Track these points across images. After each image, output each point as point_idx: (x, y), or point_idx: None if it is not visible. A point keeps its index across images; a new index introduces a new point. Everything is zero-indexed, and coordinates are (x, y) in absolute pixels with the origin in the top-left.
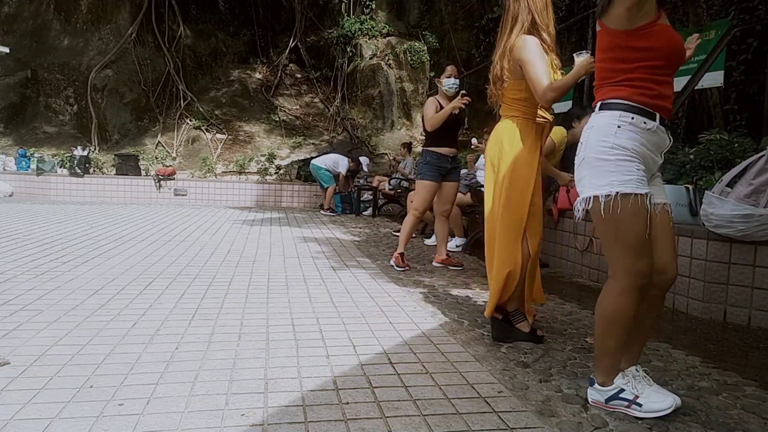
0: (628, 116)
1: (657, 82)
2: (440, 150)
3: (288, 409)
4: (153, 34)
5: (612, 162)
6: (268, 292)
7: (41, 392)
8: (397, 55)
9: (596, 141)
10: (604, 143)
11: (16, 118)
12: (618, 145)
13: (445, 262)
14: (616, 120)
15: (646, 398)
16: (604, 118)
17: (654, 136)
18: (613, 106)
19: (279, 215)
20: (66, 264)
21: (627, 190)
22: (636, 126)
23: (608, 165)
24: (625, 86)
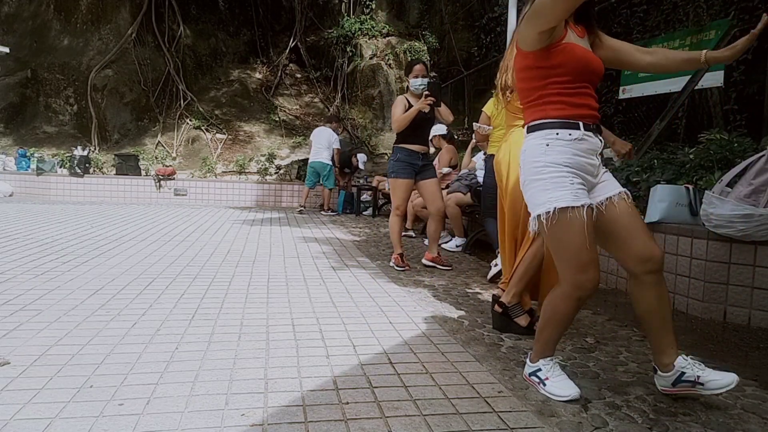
0: (553, 132)
1: (570, 95)
2: (411, 146)
3: (288, 409)
4: (153, 34)
5: (546, 180)
6: (268, 292)
7: (41, 392)
8: (397, 55)
9: (530, 163)
10: (537, 163)
11: (16, 118)
12: (549, 162)
13: (435, 260)
14: (543, 139)
15: (553, 383)
16: (532, 140)
17: (584, 143)
18: (538, 127)
19: (279, 215)
20: (66, 264)
21: (563, 204)
22: (562, 139)
23: (544, 183)
24: (543, 105)
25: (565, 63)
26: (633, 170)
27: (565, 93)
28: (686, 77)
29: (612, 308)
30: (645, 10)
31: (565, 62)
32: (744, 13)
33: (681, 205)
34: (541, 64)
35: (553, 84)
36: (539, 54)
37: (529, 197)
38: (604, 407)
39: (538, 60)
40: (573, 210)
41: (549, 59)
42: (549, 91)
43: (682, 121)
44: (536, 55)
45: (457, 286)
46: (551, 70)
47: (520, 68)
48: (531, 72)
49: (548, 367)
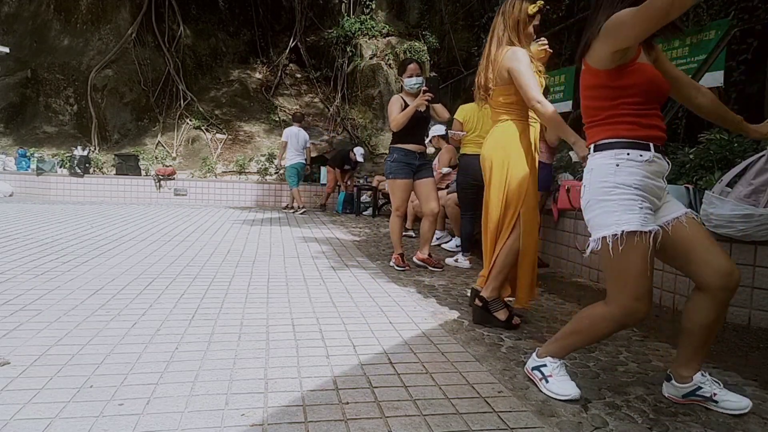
0: (624, 153)
1: (641, 116)
2: (407, 146)
3: (288, 409)
4: (153, 34)
5: (615, 201)
6: (268, 292)
7: (41, 392)
8: (397, 55)
9: (598, 182)
10: (605, 183)
11: (16, 118)
12: (619, 183)
13: (426, 261)
14: (613, 159)
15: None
16: (600, 159)
17: (653, 166)
18: (608, 146)
19: (279, 215)
20: (66, 264)
21: (632, 228)
22: (633, 160)
23: (612, 204)
24: (613, 124)
25: (638, 84)
26: None
27: (636, 114)
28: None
29: None
30: None
31: (638, 83)
32: (744, 12)
33: None
34: (613, 84)
35: (623, 105)
36: (612, 73)
37: (593, 217)
38: (604, 407)
39: (610, 79)
40: (641, 235)
41: (621, 79)
42: (620, 111)
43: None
44: (608, 74)
45: (457, 286)
46: (623, 90)
47: (589, 86)
48: (601, 91)
49: (554, 366)
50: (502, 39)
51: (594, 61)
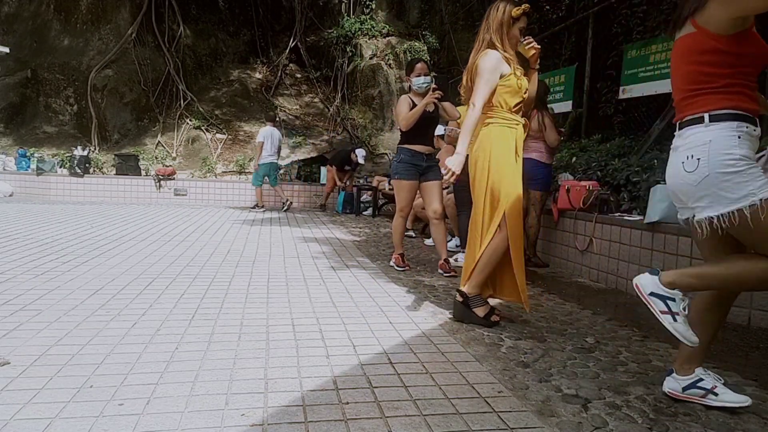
0: (744, 126)
1: (752, 88)
2: (414, 147)
3: (288, 409)
4: (153, 34)
5: (743, 172)
6: (268, 292)
7: (41, 392)
8: (397, 55)
9: (720, 155)
10: (731, 156)
11: (16, 118)
12: (743, 155)
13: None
14: (735, 131)
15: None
16: (720, 131)
17: (757, 142)
18: (728, 117)
19: (279, 215)
20: (66, 264)
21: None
22: (750, 135)
23: (741, 176)
24: (731, 93)
25: (755, 53)
26: (633, 170)
27: (748, 85)
28: None
29: (612, 308)
30: (645, 10)
31: (756, 53)
32: None
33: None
34: (733, 50)
35: (740, 74)
36: (731, 39)
37: (718, 191)
38: (604, 407)
39: (731, 45)
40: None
41: (741, 46)
42: (737, 81)
43: None
44: (729, 39)
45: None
46: (741, 58)
47: (705, 50)
48: (720, 56)
49: (710, 377)
50: (484, 41)
51: (710, 24)
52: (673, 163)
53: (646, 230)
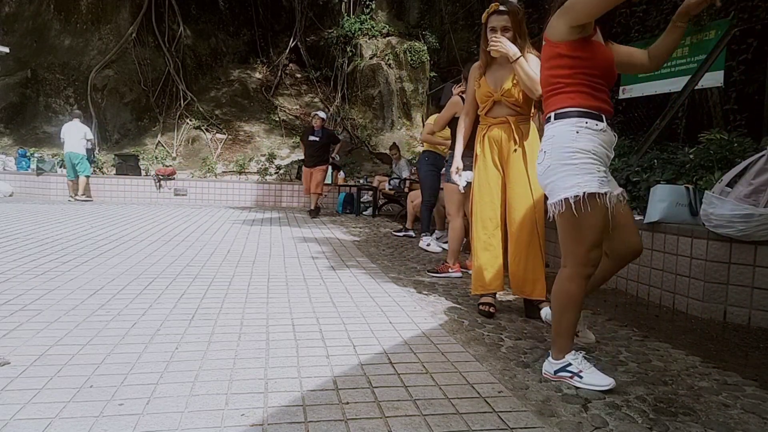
0: (583, 121)
1: (595, 89)
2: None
3: (288, 409)
4: (153, 34)
5: (576, 165)
6: (268, 292)
7: (41, 392)
8: (397, 55)
9: (559, 148)
10: (567, 149)
11: (16, 118)
12: (580, 149)
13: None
14: (574, 126)
15: (589, 374)
16: (562, 126)
17: (606, 135)
18: (568, 115)
19: (279, 215)
20: (66, 264)
21: (592, 190)
22: (591, 129)
23: (573, 168)
24: (571, 93)
25: (593, 57)
26: (633, 170)
27: (591, 85)
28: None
29: (612, 308)
30: (645, 10)
31: (593, 57)
32: (744, 12)
33: (681, 205)
34: (571, 54)
35: (580, 74)
36: (570, 44)
37: (554, 181)
38: (604, 407)
39: (569, 49)
40: (600, 196)
41: (579, 50)
42: (577, 81)
43: (682, 121)
44: (567, 45)
45: (457, 286)
46: (581, 61)
47: (550, 57)
48: (560, 60)
49: (578, 360)
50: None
51: (551, 35)
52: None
53: (646, 230)
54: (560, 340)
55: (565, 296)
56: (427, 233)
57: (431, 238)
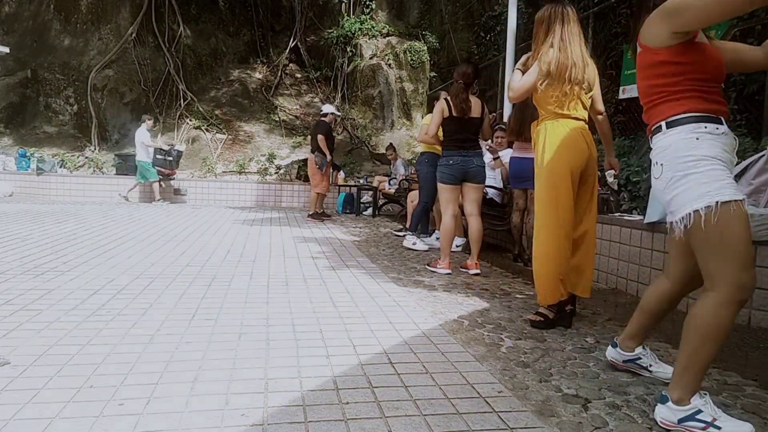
0: (702, 126)
1: (707, 92)
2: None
3: (288, 409)
4: (153, 34)
5: (702, 173)
6: (268, 292)
7: (41, 392)
8: (397, 55)
9: (678, 158)
10: (688, 158)
11: (16, 118)
12: (703, 155)
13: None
14: (692, 133)
15: (725, 422)
16: (676, 135)
17: (728, 138)
18: (682, 121)
19: (279, 215)
20: (66, 264)
21: (726, 198)
22: (711, 133)
23: (699, 177)
24: (683, 99)
25: (701, 61)
26: (633, 170)
27: (702, 89)
28: None
29: (612, 308)
30: None
31: (701, 60)
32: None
33: None
34: (677, 60)
35: (688, 80)
36: (672, 50)
37: (679, 194)
38: (604, 407)
39: (673, 55)
40: (736, 203)
41: (684, 55)
42: (686, 87)
43: None
44: (669, 51)
45: (457, 286)
46: (687, 66)
47: (650, 65)
48: (664, 68)
49: (709, 406)
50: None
51: (650, 40)
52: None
53: (646, 230)
54: (688, 377)
55: (713, 326)
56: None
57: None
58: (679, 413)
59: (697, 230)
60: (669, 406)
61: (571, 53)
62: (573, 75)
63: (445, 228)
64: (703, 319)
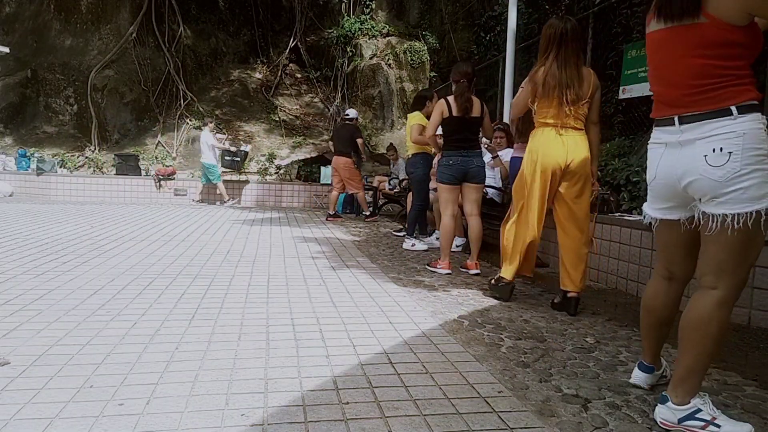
0: (764, 118)
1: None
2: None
3: (288, 409)
4: (153, 34)
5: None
6: (268, 292)
7: (41, 392)
8: (397, 55)
9: (754, 149)
10: (762, 150)
11: (16, 118)
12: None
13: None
14: (761, 123)
15: (724, 421)
16: (751, 123)
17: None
18: (754, 109)
19: (279, 215)
20: (66, 264)
21: None
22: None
23: (765, 175)
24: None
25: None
26: (633, 170)
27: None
28: None
29: (612, 308)
30: (645, 10)
31: (755, 43)
32: None
33: None
34: (744, 41)
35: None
36: (746, 30)
37: (748, 187)
38: (604, 407)
39: (745, 36)
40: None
41: (750, 36)
42: (748, 72)
43: None
44: (745, 31)
45: (457, 286)
46: (749, 49)
47: (719, 43)
48: (736, 49)
49: (708, 405)
50: None
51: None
52: (688, 156)
53: (646, 230)
54: (693, 378)
55: (716, 325)
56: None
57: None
58: (679, 413)
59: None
60: (669, 407)
61: (563, 74)
62: (565, 95)
63: (444, 228)
64: (708, 321)
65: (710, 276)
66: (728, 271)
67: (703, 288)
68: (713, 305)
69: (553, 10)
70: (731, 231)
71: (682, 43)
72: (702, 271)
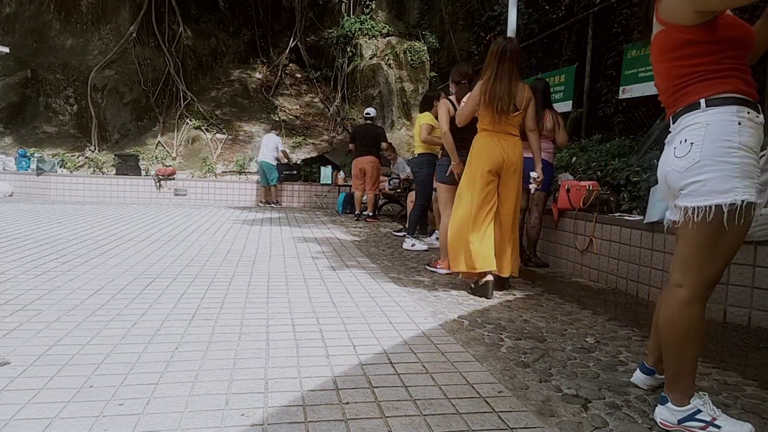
0: (744, 111)
1: (743, 71)
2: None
3: (288, 409)
4: (153, 34)
5: (737, 166)
6: (268, 292)
7: (41, 392)
8: (397, 55)
9: (717, 140)
10: (728, 143)
11: (16, 118)
12: (742, 144)
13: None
14: (735, 116)
15: (725, 421)
16: (720, 114)
17: (762, 131)
18: (727, 101)
19: (279, 215)
20: (66, 264)
21: (751, 198)
22: (752, 121)
23: (733, 169)
24: (723, 78)
25: (735, 37)
26: (633, 170)
27: (739, 69)
28: None
29: (612, 308)
30: None
31: (735, 36)
32: (743, 12)
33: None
34: (707, 38)
35: (726, 59)
36: (703, 28)
37: (704, 181)
38: (604, 407)
39: (703, 34)
40: (752, 208)
41: (716, 33)
42: (725, 65)
43: None
44: (700, 29)
45: (457, 286)
46: (720, 44)
47: (678, 45)
48: (698, 47)
49: (708, 405)
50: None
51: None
52: (666, 152)
53: (646, 230)
54: (683, 381)
55: (686, 325)
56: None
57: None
58: (679, 414)
59: (705, 224)
60: (668, 407)
61: (498, 88)
62: (499, 106)
63: (444, 228)
64: (679, 323)
65: (677, 272)
66: (694, 267)
67: (671, 286)
68: (682, 305)
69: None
70: (692, 225)
71: (656, 50)
72: (671, 267)
